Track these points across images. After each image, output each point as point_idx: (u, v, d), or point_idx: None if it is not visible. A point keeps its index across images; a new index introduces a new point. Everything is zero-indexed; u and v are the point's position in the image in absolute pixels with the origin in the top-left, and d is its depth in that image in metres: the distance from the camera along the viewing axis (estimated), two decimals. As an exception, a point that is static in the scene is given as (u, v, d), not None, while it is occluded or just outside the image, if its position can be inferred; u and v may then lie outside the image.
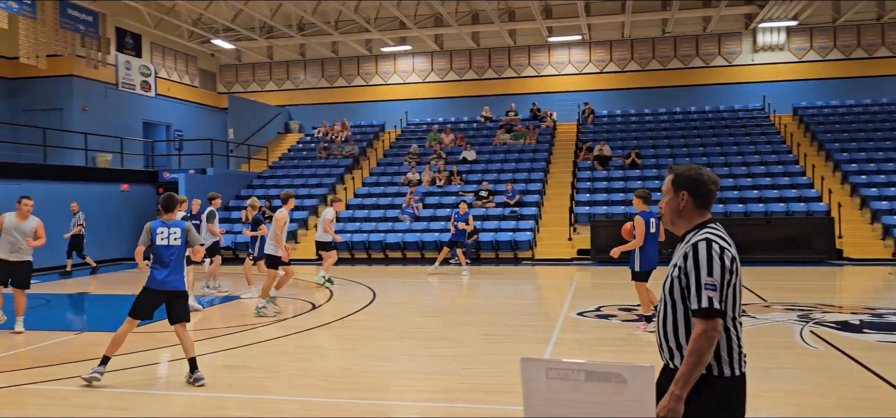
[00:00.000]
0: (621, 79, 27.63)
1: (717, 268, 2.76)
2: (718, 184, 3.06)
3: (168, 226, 6.78)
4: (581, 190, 21.13)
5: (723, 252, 2.79)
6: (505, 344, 8.53)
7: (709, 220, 2.98)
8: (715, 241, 2.82)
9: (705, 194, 3.00)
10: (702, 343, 2.72)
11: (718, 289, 2.74)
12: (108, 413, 5.79)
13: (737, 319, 2.85)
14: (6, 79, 22.07)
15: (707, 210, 3.01)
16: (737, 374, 2.82)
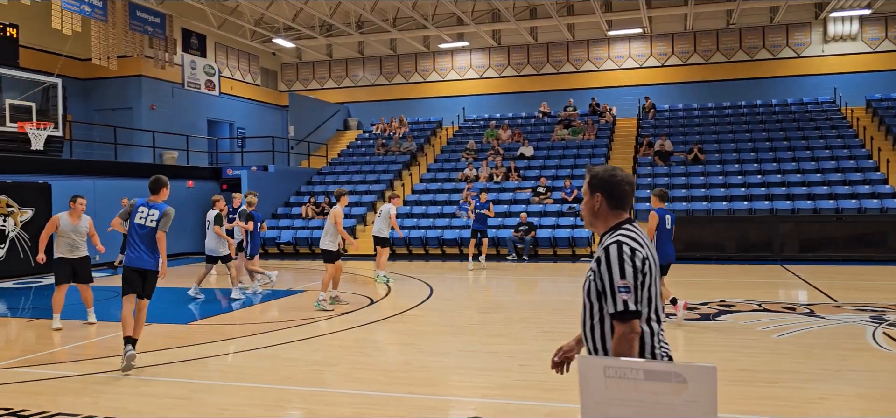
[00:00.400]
0: (683, 72, 27.03)
1: (629, 269, 2.76)
2: (634, 185, 3.06)
3: (149, 206, 7.15)
4: (641, 186, 20.74)
5: (634, 253, 2.80)
6: (562, 341, 8.43)
7: (624, 221, 2.98)
8: (626, 243, 2.82)
9: (619, 195, 2.99)
10: (622, 346, 2.75)
11: (632, 290, 2.75)
12: (170, 401, 5.96)
13: (653, 319, 2.85)
14: (80, 79, 22.97)
15: (622, 210, 3.01)
16: None
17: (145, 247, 7.11)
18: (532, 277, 14.98)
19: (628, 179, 3.02)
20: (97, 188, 17.77)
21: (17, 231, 15.80)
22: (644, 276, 2.79)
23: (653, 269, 2.83)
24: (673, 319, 9.14)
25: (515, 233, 18.45)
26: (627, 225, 2.95)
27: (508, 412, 5.62)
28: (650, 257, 2.84)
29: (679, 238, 17.44)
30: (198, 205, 21.41)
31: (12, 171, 16.07)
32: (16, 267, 15.66)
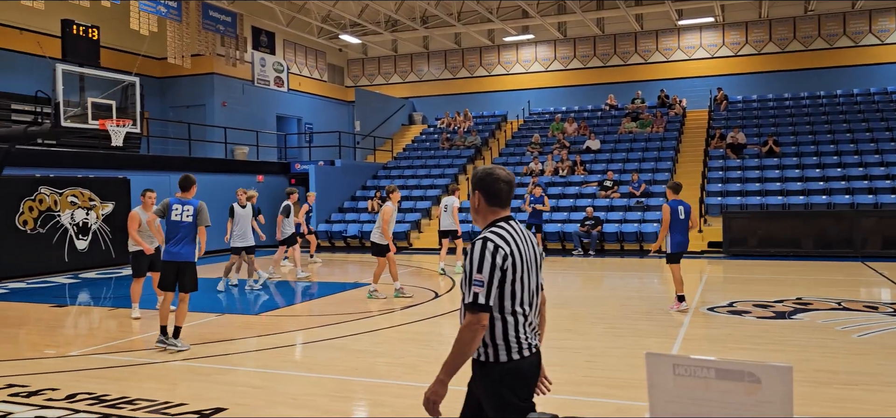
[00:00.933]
0: (758, 62, 26.13)
1: (487, 265, 2.90)
2: (511, 183, 3.14)
3: (183, 203, 7.61)
4: (712, 180, 20.18)
5: (496, 250, 2.93)
6: (630, 338, 8.30)
7: (500, 218, 3.09)
8: (491, 240, 2.97)
9: (495, 193, 3.10)
10: (465, 334, 2.92)
11: (485, 285, 2.89)
12: (245, 389, 6.12)
13: (519, 311, 2.99)
14: (156, 78, 23.83)
15: (499, 208, 3.11)
16: (514, 359, 2.99)
17: (182, 241, 7.58)
18: (599, 272, 14.78)
19: (505, 178, 3.11)
20: (172, 183, 18.39)
21: (99, 224, 16.52)
22: (504, 273, 2.93)
23: (518, 266, 2.97)
24: (671, 309, 9.69)
25: (581, 228, 18.23)
26: (502, 222, 3.08)
27: (574, 409, 5.55)
28: (516, 255, 2.97)
29: (753, 233, 17.03)
30: (267, 198, 21.94)
31: (94, 167, 16.81)
32: (98, 258, 16.39)
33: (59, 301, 11.71)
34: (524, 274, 3.01)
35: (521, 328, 3.02)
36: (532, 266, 3.07)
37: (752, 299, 10.56)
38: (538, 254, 3.18)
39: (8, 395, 6.04)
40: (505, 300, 2.97)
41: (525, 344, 3.02)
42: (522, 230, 3.12)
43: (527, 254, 3.04)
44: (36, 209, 15.10)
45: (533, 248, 3.12)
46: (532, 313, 3.08)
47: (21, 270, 14.65)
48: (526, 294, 3.03)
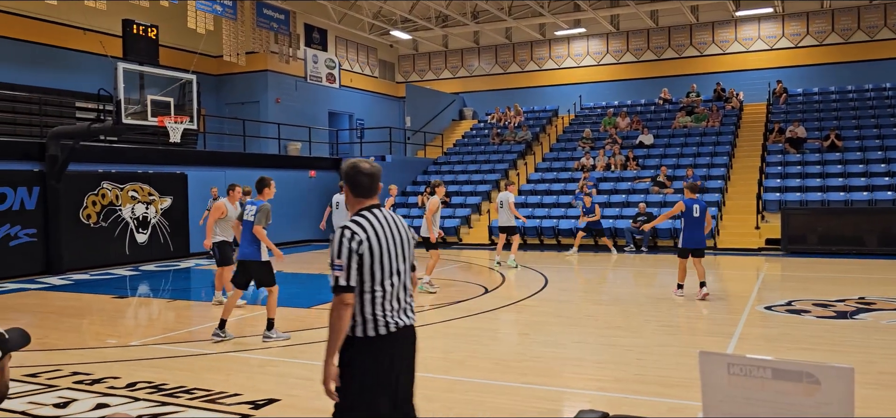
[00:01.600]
0: (819, 53, 25.30)
1: (344, 250, 3.23)
2: (374, 176, 3.43)
3: (253, 204, 8.04)
4: (771, 175, 19.63)
5: (353, 236, 3.25)
6: (683, 336, 8.14)
7: (364, 207, 3.39)
8: (349, 227, 3.29)
9: (358, 185, 3.41)
10: (333, 314, 3.26)
11: (344, 268, 3.23)
12: (295, 381, 6.22)
13: (378, 290, 3.29)
14: (212, 75, 24.37)
15: (365, 198, 3.41)
16: (373, 336, 3.27)
17: (247, 240, 7.98)
18: (651, 269, 14.54)
19: (368, 171, 3.41)
20: (228, 178, 18.79)
21: (158, 218, 17.00)
22: (361, 257, 3.25)
23: (375, 250, 3.27)
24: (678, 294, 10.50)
25: (634, 224, 17.95)
26: (365, 211, 3.38)
27: (625, 407, 5.48)
28: (372, 240, 3.27)
29: (813, 230, 16.51)
30: (320, 193, 22.25)
31: (153, 162, 17.30)
32: (157, 251, 16.87)
33: (120, 292, 12.10)
34: (384, 256, 3.30)
35: (380, 305, 3.31)
36: (395, 249, 3.36)
37: (812, 298, 10.24)
38: (406, 237, 3.46)
39: (73, 382, 6.27)
40: (364, 280, 3.29)
41: (382, 322, 3.31)
42: (388, 216, 3.41)
43: (388, 239, 3.33)
44: (99, 203, 15.62)
45: (399, 233, 3.41)
46: (396, 291, 3.36)
47: (84, 262, 15.18)
48: (387, 275, 3.32)
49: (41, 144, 14.88)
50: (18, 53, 18.36)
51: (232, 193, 10.22)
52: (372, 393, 3.29)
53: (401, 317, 3.38)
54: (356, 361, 3.29)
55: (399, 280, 3.38)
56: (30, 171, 14.47)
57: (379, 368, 3.30)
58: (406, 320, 3.41)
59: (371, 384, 3.30)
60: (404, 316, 3.40)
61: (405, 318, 3.40)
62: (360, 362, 3.29)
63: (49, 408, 5.60)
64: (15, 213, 14.06)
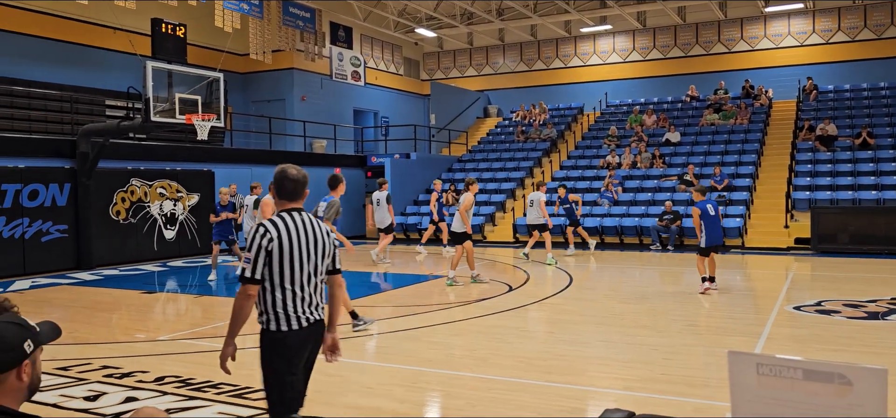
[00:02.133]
0: (851, 49, 24.83)
1: (255, 245, 3.56)
2: (299, 181, 3.75)
3: (325, 200, 8.25)
4: (801, 173, 19.33)
5: (265, 234, 3.57)
6: (710, 336, 8.06)
7: (285, 209, 3.73)
8: (263, 225, 3.61)
9: (284, 189, 3.75)
10: (236, 301, 3.61)
11: (252, 262, 3.56)
12: (322, 377, 6.25)
13: (288, 288, 3.59)
14: (239, 73, 24.59)
15: (288, 201, 3.75)
16: (285, 329, 3.60)
17: None
18: (678, 268, 14.40)
19: (293, 177, 3.75)
20: (254, 175, 18.97)
21: (186, 214, 17.20)
22: (269, 253, 3.56)
23: (285, 249, 3.57)
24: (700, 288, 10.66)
25: (660, 223, 17.80)
26: (284, 213, 3.70)
27: (651, 406, 5.43)
28: (284, 239, 3.57)
29: (844, 229, 16.22)
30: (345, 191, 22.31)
31: (181, 160, 17.51)
32: (185, 247, 17.08)
33: (149, 288, 12.27)
34: (295, 256, 3.60)
35: (291, 303, 3.60)
36: (308, 250, 3.65)
37: (842, 298, 10.07)
38: (322, 242, 3.73)
39: (103, 376, 6.37)
40: (274, 276, 3.58)
41: (294, 318, 3.61)
42: (307, 221, 3.70)
43: (300, 240, 3.62)
44: (128, 200, 15.85)
45: (315, 237, 3.69)
46: (307, 292, 3.66)
47: (114, 258, 15.42)
48: (297, 274, 3.61)
49: (72, 142, 15.13)
50: (50, 52, 18.68)
51: None
52: (282, 380, 3.64)
53: (310, 314, 3.68)
54: (267, 352, 3.66)
55: (311, 280, 3.68)
56: (61, 168, 14.73)
57: (288, 359, 3.63)
58: (315, 316, 3.72)
59: (282, 371, 3.64)
60: (313, 313, 3.70)
61: (315, 315, 3.71)
62: (271, 353, 3.64)
63: (79, 401, 5.69)
64: (47, 210, 14.31)
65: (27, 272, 13.85)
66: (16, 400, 2.09)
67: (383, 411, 5.39)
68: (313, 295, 3.72)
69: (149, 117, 13.48)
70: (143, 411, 3.32)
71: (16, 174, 13.85)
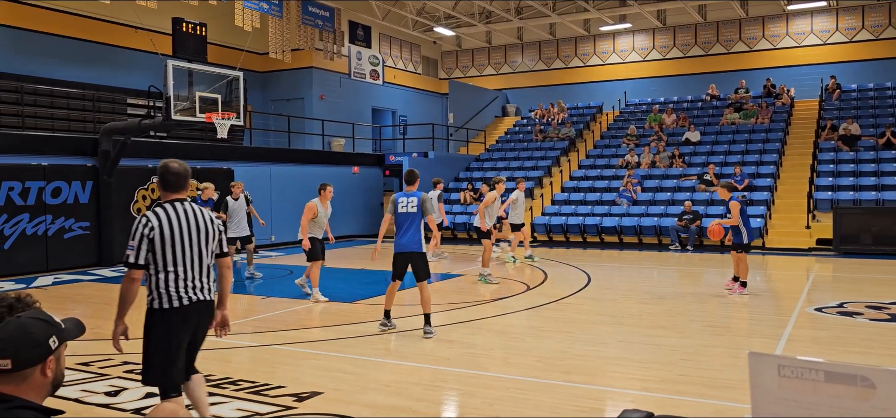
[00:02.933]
0: (875, 47, 24.50)
1: (138, 234, 3.99)
2: (181, 174, 4.16)
3: (407, 196, 7.81)
4: (823, 173, 19.11)
5: (146, 223, 4.00)
6: (730, 337, 7.99)
7: (168, 200, 4.12)
8: (145, 215, 4.03)
9: (166, 181, 4.16)
10: (122, 285, 4.04)
11: (134, 249, 3.98)
12: (340, 374, 6.28)
13: (171, 271, 4.01)
14: (258, 72, 24.75)
15: (170, 192, 4.15)
16: (167, 307, 4.01)
17: (409, 232, 7.77)
18: (697, 268, 14.30)
19: (175, 171, 4.14)
20: (273, 173, 19.09)
21: (206, 212, 17.31)
22: (151, 241, 3.99)
23: (166, 236, 4.00)
24: (738, 292, 10.43)
25: (679, 223, 17.68)
26: (167, 203, 4.10)
27: (670, 407, 5.39)
28: (165, 227, 4.00)
29: (867, 230, 16.02)
30: (362, 189, 22.43)
31: (201, 158, 17.64)
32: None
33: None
34: (176, 242, 4.02)
35: (173, 283, 4.01)
36: (191, 237, 4.07)
37: (865, 300, 9.95)
38: (205, 228, 4.14)
39: (123, 372, 6.44)
40: (158, 260, 3.99)
41: (176, 297, 4.01)
42: (190, 210, 4.11)
43: (183, 228, 4.05)
44: (149, 198, 16.01)
45: (197, 224, 4.11)
46: (191, 273, 4.07)
47: (135, 255, 15.55)
48: (180, 257, 4.03)
49: (94, 140, 15.31)
50: (73, 51, 18.92)
51: (324, 193, 10.42)
52: (165, 352, 3.99)
53: (193, 294, 4.07)
54: (151, 328, 4.03)
55: (194, 262, 4.09)
56: (83, 166, 14.90)
57: (170, 333, 4.00)
58: (200, 296, 4.11)
59: (164, 346, 3.99)
60: (197, 293, 4.10)
61: (199, 295, 4.10)
62: (155, 328, 4.01)
63: (101, 396, 5.76)
64: (69, 207, 14.49)
65: (50, 268, 14.03)
66: (40, 395, 2.12)
67: (401, 409, 5.40)
68: (197, 276, 4.11)
69: (169, 116, 13.60)
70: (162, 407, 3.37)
71: (39, 172, 14.03)
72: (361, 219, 22.00)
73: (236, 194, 12.90)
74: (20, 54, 17.75)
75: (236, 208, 12.79)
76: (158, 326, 4.04)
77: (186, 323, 4.07)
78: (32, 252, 13.85)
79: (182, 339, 4.07)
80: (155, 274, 4.03)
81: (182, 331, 4.06)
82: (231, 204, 12.76)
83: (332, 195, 10.57)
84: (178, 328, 4.04)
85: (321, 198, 10.40)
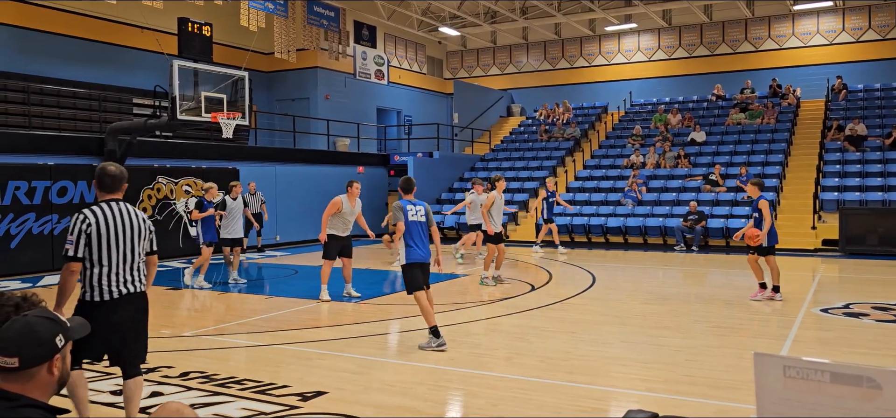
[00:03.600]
0: (882, 48, 24.42)
1: (76, 229, 4.33)
2: (116, 176, 4.49)
3: (413, 204, 7.43)
4: (829, 173, 19.05)
5: (84, 219, 4.35)
6: (735, 337, 7.97)
7: (104, 199, 4.46)
8: (83, 212, 4.37)
9: (102, 183, 4.50)
10: (61, 277, 4.35)
11: (73, 243, 4.31)
12: (345, 374, 6.29)
13: (105, 265, 4.35)
14: (263, 72, 24.79)
15: (107, 193, 4.50)
16: (97, 300, 4.35)
17: (425, 242, 7.41)
18: (702, 269, 14.27)
19: (111, 173, 4.49)
20: (278, 173, 19.12)
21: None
22: (89, 236, 4.32)
23: (103, 233, 4.34)
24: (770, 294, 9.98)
25: (684, 223, 17.64)
26: (104, 203, 4.44)
27: (674, 408, 5.38)
28: (100, 225, 4.34)
29: (873, 230, 15.96)
30: (368, 189, 22.42)
31: (206, 157, 17.69)
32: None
33: (174, 284, 12.40)
34: (111, 239, 4.36)
35: (105, 277, 4.36)
36: (124, 235, 4.41)
37: (871, 301, 9.92)
38: (138, 227, 4.50)
39: (128, 371, 6.45)
40: (93, 255, 4.33)
41: (107, 290, 4.36)
42: (124, 209, 4.46)
43: (117, 226, 4.39)
44: (154, 197, 16.05)
45: (131, 223, 4.46)
46: (122, 268, 4.41)
47: (141, 254, 15.59)
48: (114, 253, 4.37)
49: (100, 140, 15.35)
50: (79, 51, 18.98)
51: (351, 190, 10.32)
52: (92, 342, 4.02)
53: (123, 288, 4.41)
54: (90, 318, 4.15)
55: (126, 258, 4.43)
56: (89, 165, 14.95)
57: (100, 325, 4.13)
58: (132, 289, 4.46)
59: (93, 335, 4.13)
60: (126, 286, 4.43)
61: (131, 288, 4.45)
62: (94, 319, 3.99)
63: (106, 395, 5.78)
64: (76, 206, 14.54)
65: (56, 267, 14.07)
66: (45, 394, 2.12)
67: (405, 409, 5.40)
68: (127, 271, 4.45)
69: (175, 115, 13.63)
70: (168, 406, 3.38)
71: (45, 171, 14.08)
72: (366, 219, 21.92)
73: (234, 195, 12.55)
74: (26, 54, 17.81)
75: (234, 209, 12.36)
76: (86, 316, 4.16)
77: (114, 315, 4.37)
78: (38, 251, 13.90)
79: (104, 331, 4.29)
80: (90, 268, 4.35)
81: (106, 324, 4.30)
82: (229, 204, 12.28)
83: (358, 191, 10.40)
84: (102, 321, 4.26)
85: (348, 194, 10.29)
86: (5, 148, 13.86)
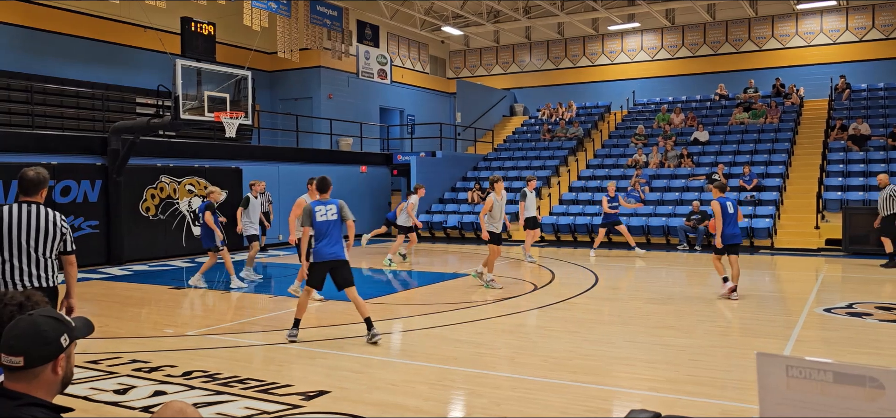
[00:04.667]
0: (886, 47, 24.35)
1: None
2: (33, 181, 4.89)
3: (324, 204, 7.55)
4: (832, 173, 19.01)
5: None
6: (738, 337, 7.96)
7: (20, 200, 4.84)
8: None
9: (20, 184, 4.87)
10: None
11: None
12: (347, 373, 6.30)
13: (6, 259, 4.77)
14: (266, 71, 24.81)
15: (24, 195, 4.87)
16: None
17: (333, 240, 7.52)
18: (705, 268, 14.25)
19: (29, 177, 4.89)
20: (281, 173, 19.14)
21: (214, 211, 17.36)
22: None
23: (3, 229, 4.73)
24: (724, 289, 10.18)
25: (687, 223, 17.62)
26: (16, 202, 4.81)
27: (677, 408, 5.38)
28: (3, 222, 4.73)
29: (877, 231, 15.88)
30: (370, 188, 22.46)
31: (209, 157, 17.71)
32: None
33: (177, 283, 12.43)
34: (14, 236, 4.74)
35: (9, 273, 4.78)
36: (26, 233, 4.77)
37: (875, 301, 9.90)
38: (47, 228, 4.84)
39: (132, 370, 6.47)
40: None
41: (10, 284, 4.71)
42: (33, 210, 4.81)
43: (22, 225, 4.76)
44: (157, 197, 16.07)
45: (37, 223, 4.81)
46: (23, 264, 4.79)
47: (144, 254, 15.64)
48: (15, 249, 4.77)
49: (103, 139, 15.38)
50: (83, 51, 19.01)
51: (311, 188, 10.33)
52: None
53: (29, 281, 4.79)
54: None
55: (27, 255, 4.79)
56: (92, 165, 14.98)
57: None
58: (36, 284, 4.81)
59: None
60: (33, 281, 4.82)
61: (33, 283, 4.81)
62: None
63: (109, 394, 5.79)
64: (79, 205, 14.57)
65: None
66: (50, 393, 2.13)
67: (408, 409, 5.41)
68: (29, 267, 4.82)
69: (178, 115, 13.64)
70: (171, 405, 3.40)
71: (49, 170, 14.06)
72: (369, 219, 22.00)
73: (256, 192, 13.12)
74: (30, 53, 17.85)
75: (255, 206, 13.01)
76: None
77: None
78: (42, 250, 13.90)
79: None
80: None
81: None
82: (252, 201, 12.98)
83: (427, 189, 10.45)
84: None
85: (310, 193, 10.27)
86: (9, 147, 13.89)
